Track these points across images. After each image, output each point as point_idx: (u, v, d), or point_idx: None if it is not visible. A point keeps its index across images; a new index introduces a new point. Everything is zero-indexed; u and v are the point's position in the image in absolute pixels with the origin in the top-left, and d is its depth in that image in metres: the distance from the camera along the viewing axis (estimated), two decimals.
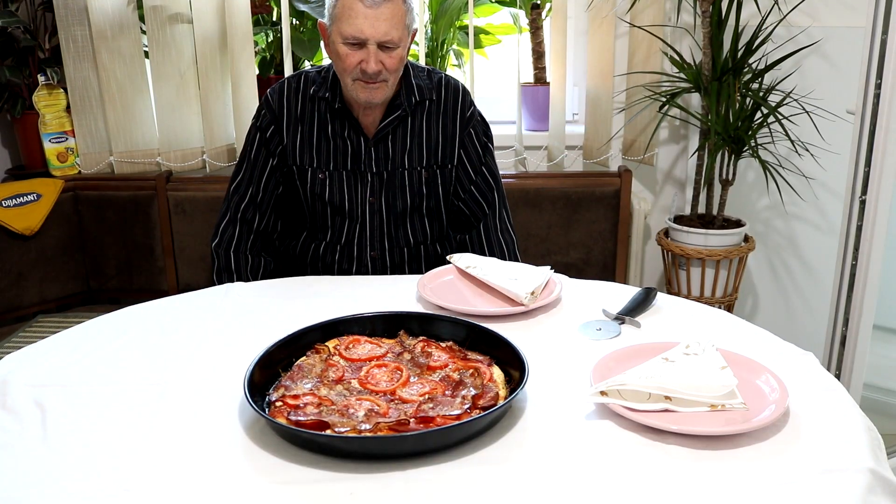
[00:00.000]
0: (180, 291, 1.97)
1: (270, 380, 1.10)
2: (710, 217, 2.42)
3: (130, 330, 1.33)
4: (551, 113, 2.51)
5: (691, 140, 2.56)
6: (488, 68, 2.82)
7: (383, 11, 1.54)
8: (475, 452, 0.94)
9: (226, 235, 1.78)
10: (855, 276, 1.93)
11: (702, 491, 0.87)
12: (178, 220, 2.44)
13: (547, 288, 1.44)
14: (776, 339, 1.24)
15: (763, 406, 1.00)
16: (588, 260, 2.46)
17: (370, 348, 1.18)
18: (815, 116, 2.18)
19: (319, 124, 1.73)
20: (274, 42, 2.62)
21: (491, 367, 1.11)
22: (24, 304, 2.39)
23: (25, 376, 1.15)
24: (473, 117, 1.77)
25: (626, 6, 2.38)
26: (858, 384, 2.06)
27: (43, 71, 2.42)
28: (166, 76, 2.45)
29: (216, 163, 2.54)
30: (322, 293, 1.50)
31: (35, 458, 0.95)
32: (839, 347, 2.02)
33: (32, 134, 2.48)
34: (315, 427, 0.95)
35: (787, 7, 2.22)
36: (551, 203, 2.41)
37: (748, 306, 2.64)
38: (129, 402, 1.08)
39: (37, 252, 2.38)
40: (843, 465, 0.90)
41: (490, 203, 1.79)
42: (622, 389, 1.01)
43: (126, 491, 0.88)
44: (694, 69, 2.32)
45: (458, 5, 2.56)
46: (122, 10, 2.41)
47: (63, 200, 2.42)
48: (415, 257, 1.81)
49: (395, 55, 1.59)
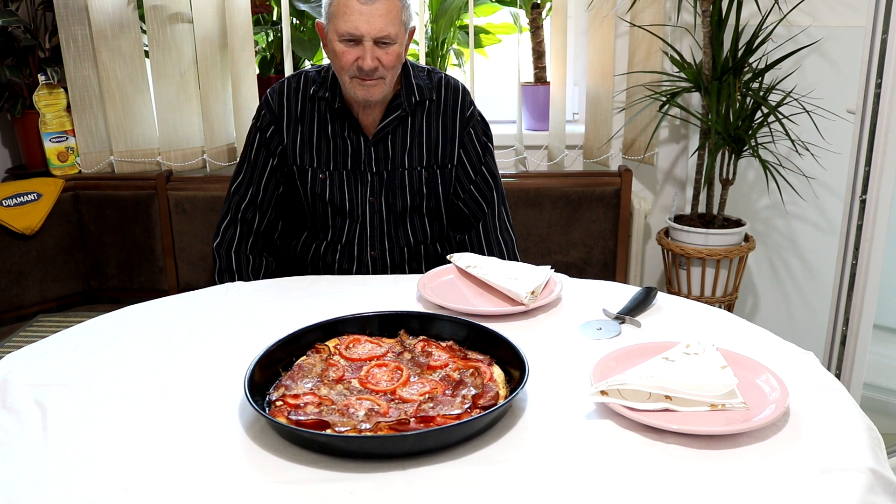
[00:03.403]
0: (180, 291, 1.97)
1: (271, 379, 1.10)
2: (711, 216, 2.42)
3: (130, 329, 1.33)
4: (551, 112, 2.51)
5: (691, 139, 2.56)
6: (488, 68, 2.82)
7: (378, 8, 1.55)
8: (475, 452, 0.94)
9: (227, 236, 1.79)
10: (855, 275, 1.93)
11: (702, 491, 0.87)
12: (178, 219, 2.44)
13: (547, 287, 1.44)
14: (776, 339, 1.24)
15: (763, 406, 1.00)
16: (588, 260, 2.46)
17: (370, 348, 1.18)
18: (815, 116, 2.18)
19: (319, 124, 1.73)
20: (274, 42, 2.62)
21: (491, 367, 1.11)
22: (25, 303, 2.39)
23: (25, 376, 1.15)
24: (473, 117, 1.77)
25: (627, 6, 2.38)
26: (858, 384, 2.06)
27: (43, 70, 2.42)
28: (166, 76, 2.45)
29: (216, 162, 2.54)
30: (322, 293, 1.50)
31: (35, 458, 0.95)
32: (839, 347, 2.02)
33: (33, 133, 2.48)
34: (315, 426, 0.95)
35: (788, 7, 2.22)
36: (551, 203, 2.41)
37: (748, 306, 2.64)
38: (129, 402, 1.08)
39: (37, 251, 2.38)
40: (843, 464, 0.90)
41: (490, 203, 1.79)
42: (622, 389, 1.01)
43: (126, 491, 0.88)
44: (694, 69, 2.32)
45: (458, 5, 2.56)
46: (122, 10, 2.41)
47: (63, 200, 2.42)
48: (415, 257, 1.81)
49: (391, 52, 1.59)
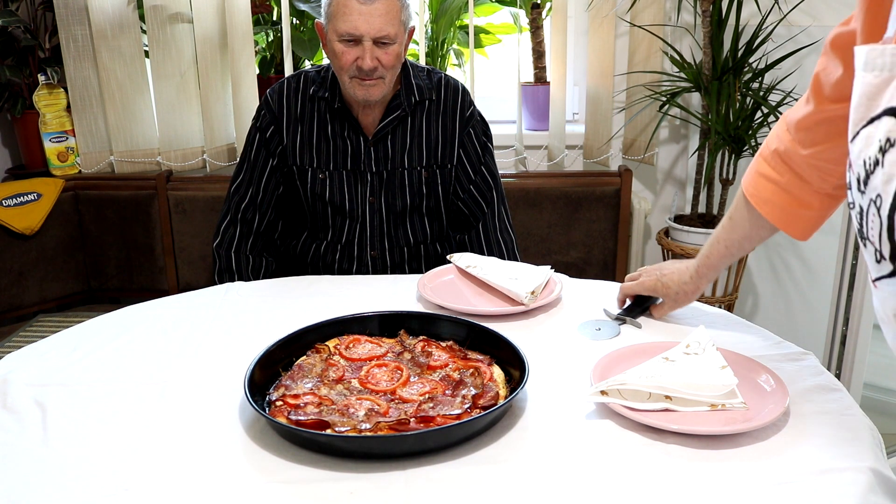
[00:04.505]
0: (180, 291, 1.97)
1: (271, 379, 1.10)
2: (711, 216, 2.42)
3: (130, 329, 1.33)
4: (551, 112, 2.51)
5: (691, 139, 2.56)
6: (488, 68, 2.82)
7: (378, 7, 1.55)
8: (475, 452, 0.94)
9: (227, 236, 1.79)
10: (855, 276, 1.93)
11: (702, 491, 0.87)
12: (178, 219, 2.44)
13: (547, 287, 1.44)
14: (776, 339, 1.24)
15: (763, 406, 1.00)
16: (588, 260, 2.46)
17: (370, 348, 1.18)
18: None
19: (319, 124, 1.73)
20: (274, 42, 2.62)
21: (491, 367, 1.11)
22: (25, 303, 2.39)
23: (25, 376, 1.15)
24: (473, 117, 1.77)
25: (627, 6, 2.38)
26: (858, 383, 2.06)
27: (43, 70, 2.42)
28: (166, 76, 2.45)
29: (216, 162, 2.54)
30: (322, 293, 1.50)
31: (35, 458, 0.95)
32: (839, 347, 2.02)
33: (33, 133, 2.48)
34: (315, 426, 0.95)
35: (788, 6, 2.22)
36: (551, 203, 2.41)
37: (748, 306, 2.64)
38: (129, 402, 1.08)
39: (37, 251, 2.38)
40: (844, 464, 0.90)
41: (489, 202, 1.79)
42: (622, 389, 1.01)
43: (126, 491, 0.88)
44: (694, 69, 2.32)
45: (458, 5, 2.56)
46: (122, 10, 2.41)
47: (63, 200, 2.42)
48: (415, 257, 1.81)
49: (390, 51, 1.59)
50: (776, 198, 1.12)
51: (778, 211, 1.13)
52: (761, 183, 1.14)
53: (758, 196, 1.14)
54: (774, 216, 1.14)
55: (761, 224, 1.17)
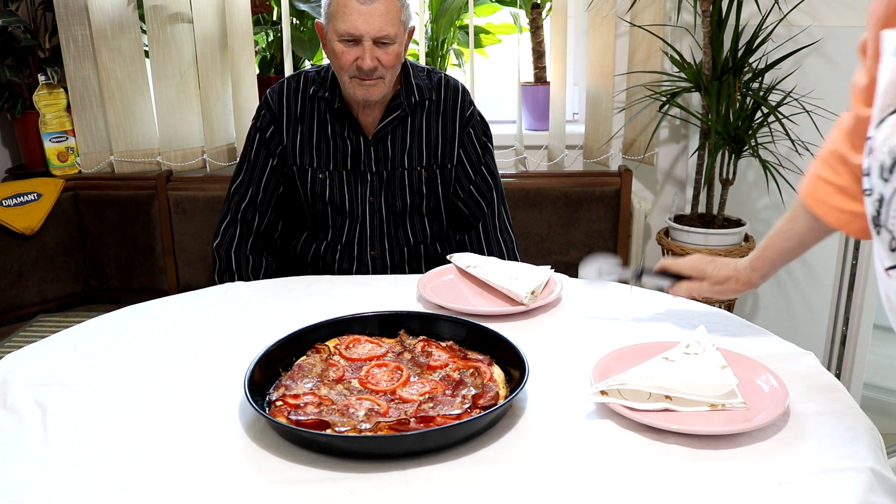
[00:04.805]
0: (180, 291, 1.96)
1: (271, 379, 1.10)
2: (711, 216, 2.42)
3: (130, 329, 1.33)
4: (551, 112, 2.51)
5: (691, 139, 2.56)
6: (488, 68, 2.82)
7: (378, 7, 1.55)
8: (475, 452, 0.94)
9: (227, 236, 1.79)
10: (855, 276, 1.93)
11: (702, 491, 0.87)
12: (178, 219, 2.44)
13: (547, 287, 1.44)
14: (776, 339, 1.24)
15: (763, 406, 1.00)
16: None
17: (370, 348, 1.18)
18: (815, 116, 2.18)
19: (319, 124, 1.73)
20: (274, 42, 2.62)
21: (491, 367, 1.11)
22: (25, 303, 2.39)
23: (25, 376, 1.15)
24: (473, 117, 1.77)
25: (627, 6, 2.38)
26: (858, 384, 2.06)
27: (43, 70, 2.42)
28: (166, 76, 2.45)
29: (216, 162, 2.54)
30: (322, 293, 1.50)
31: (35, 458, 0.95)
32: (839, 347, 2.02)
33: (33, 133, 2.48)
34: (315, 426, 0.95)
35: (788, 6, 2.22)
36: (551, 203, 2.41)
37: (748, 306, 2.64)
38: (129, 402, 1.08)
39: (37, 251, 2.38)
40: (844, 464, 0.90)
41: (489, 203, 1.79)
42: (622, 389, 1.01)
43: (126, 491, 0.88)
44: (694, 69, 2.32)
45: (458, 5, 2.56)
46: (122, 10, 2.41)
47: (63, 200, 2.42)
48: (415, 257, 1.81)
49: (390, 51, 1.59)
50: (831, 198, 1.07)
51: (835, 212, 1.08)
52: (817, 185, 1.09)
53: (813, 196, 1.09)
54: (831, 217, 1.08)
55: (819, 224, 1.12)
